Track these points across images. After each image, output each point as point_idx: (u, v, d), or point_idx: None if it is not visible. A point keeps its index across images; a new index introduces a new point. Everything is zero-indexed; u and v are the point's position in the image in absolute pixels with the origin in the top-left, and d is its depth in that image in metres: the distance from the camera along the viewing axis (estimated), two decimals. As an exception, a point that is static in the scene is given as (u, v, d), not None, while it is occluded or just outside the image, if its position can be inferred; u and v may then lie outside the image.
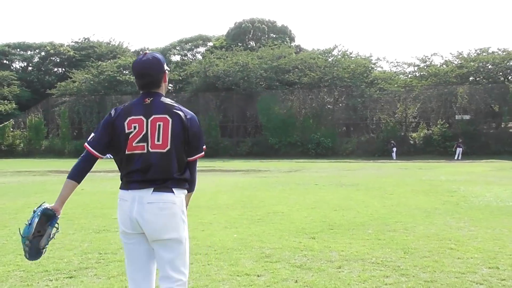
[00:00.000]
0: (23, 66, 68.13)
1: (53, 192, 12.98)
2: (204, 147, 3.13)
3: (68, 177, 2.98)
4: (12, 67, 66.02)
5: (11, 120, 49.46)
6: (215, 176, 19.42)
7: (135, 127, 2.90)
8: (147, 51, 3.07)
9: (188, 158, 3.00)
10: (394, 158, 36.68)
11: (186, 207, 3.06)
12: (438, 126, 39.51)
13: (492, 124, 42.35)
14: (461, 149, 35.68)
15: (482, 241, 6.39)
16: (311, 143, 40.66)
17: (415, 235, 6.85)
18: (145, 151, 2.88)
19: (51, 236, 2.92)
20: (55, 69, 67.13)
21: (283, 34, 62.21)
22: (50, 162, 33.71)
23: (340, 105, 44.83)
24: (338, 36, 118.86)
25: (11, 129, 48.32)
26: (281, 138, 41.57)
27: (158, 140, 2.88)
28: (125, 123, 2.91)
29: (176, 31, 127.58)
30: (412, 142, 40.47)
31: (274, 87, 44.23)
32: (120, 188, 2.97)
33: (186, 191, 3.01)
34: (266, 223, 8.00)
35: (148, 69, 2.97)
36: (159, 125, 2.89)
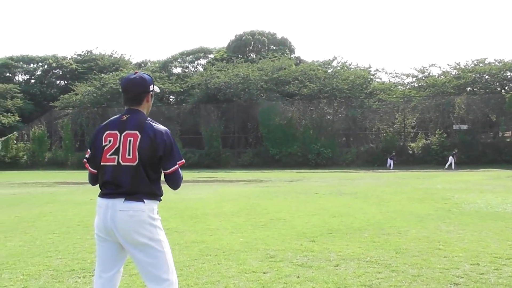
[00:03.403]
0: (26, 79, 68.98)
1: (64, 202, 13.66)
2: (182, 161, 3.25)
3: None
4: (15, 80, 66.84)
5: (15, 132, 50.07)
6: (218, 186, 19.98)
7: (110, 141, 3.17)
8: (138, 71, 3.38)
9: (164, 171, 3.21)
10: (391, 168, 37.11)
11: None
12: (436, 136, 40.09)
13: (490, 134, 43.03)
14: (453, 158, 36.08)
15: (468, 242, 6.97)
16: (311, 154, 41.21)
17: (407, 238, 7.42)
18: (115, 163, 3.13)
19: None
20: (58, 82, 68.09)
21: (283, 46, 63.01)
22: (54, 174, 34.28)
23: (340, 115, 45.46)
24: (338, 47, 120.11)
25: (15, 142, 48.89)
26: (281, 148, 42.13)
27: (129, 154, 3.11)
28: (103, 137, 3.20)
29: (177, 44, 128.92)
30: (411, 152, 41.02)
31: (274, 99, 44.88)
32: (98, 196, 3.25)
33: (157, 202, 3.24)
34: (269, 228, 8.57)
35: (132, 86, 3.28)
36: (130, 140, 3.12)
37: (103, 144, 3.21)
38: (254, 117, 45.01)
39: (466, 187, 17.29)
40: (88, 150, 3.33)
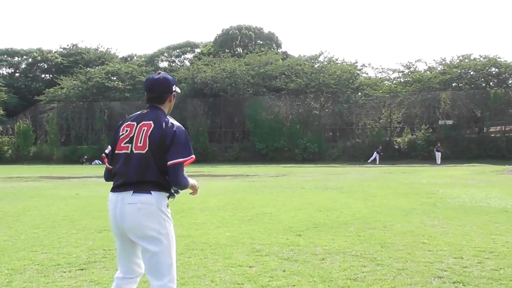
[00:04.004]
0: (10, 72, 68.17)
1: (49, 197, 13.54)
2: (191, 157, 3.31)
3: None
4: (-2, 74, 66.09)
5: (-1, 126, 49.57)
6: (204, 181, 19.93)
7: (127, 130, 3.30)
8: (162, 71, 3.49)
9: (168, 162, 3.18)
10: (377, 162, 37.36)
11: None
12: (422, 131, 40.37)
13: (474, 129, 43.47)
14: (439, 153, 36.49)
15: (452, 236, 7.06)
16: (298, 148, 41.28)
17: (392, 232, 7.48)
18: (129, 151, 3.23)
19: None
20: (43, 76, 67.41)
21: (270, 41, 63.05)
22: (39, 168, 33.92)
23: (327, 110, 45.61)
24: (324, 42, 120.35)
25: (-1, 136, 48.40)
26: (268, 143, 42.12)
27: (140, 142, 3.21)
28: (122, 127, 3.35)
29: (164, 38, 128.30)
30: (396, 147, 41.28)
31: (261, 93, 44.85)
32: (110, 191, 3.32)
33: (166, 193, 3.26)
34: (255, 222, 8.59)
35: (156, 86, 3.39)
36: (144, 129, 3.23)
37: (120, 133, 3.35)
38: (241, 112, 44.93)
39: (451, 181, 17.46)
40: (109, 146, 3.45)
